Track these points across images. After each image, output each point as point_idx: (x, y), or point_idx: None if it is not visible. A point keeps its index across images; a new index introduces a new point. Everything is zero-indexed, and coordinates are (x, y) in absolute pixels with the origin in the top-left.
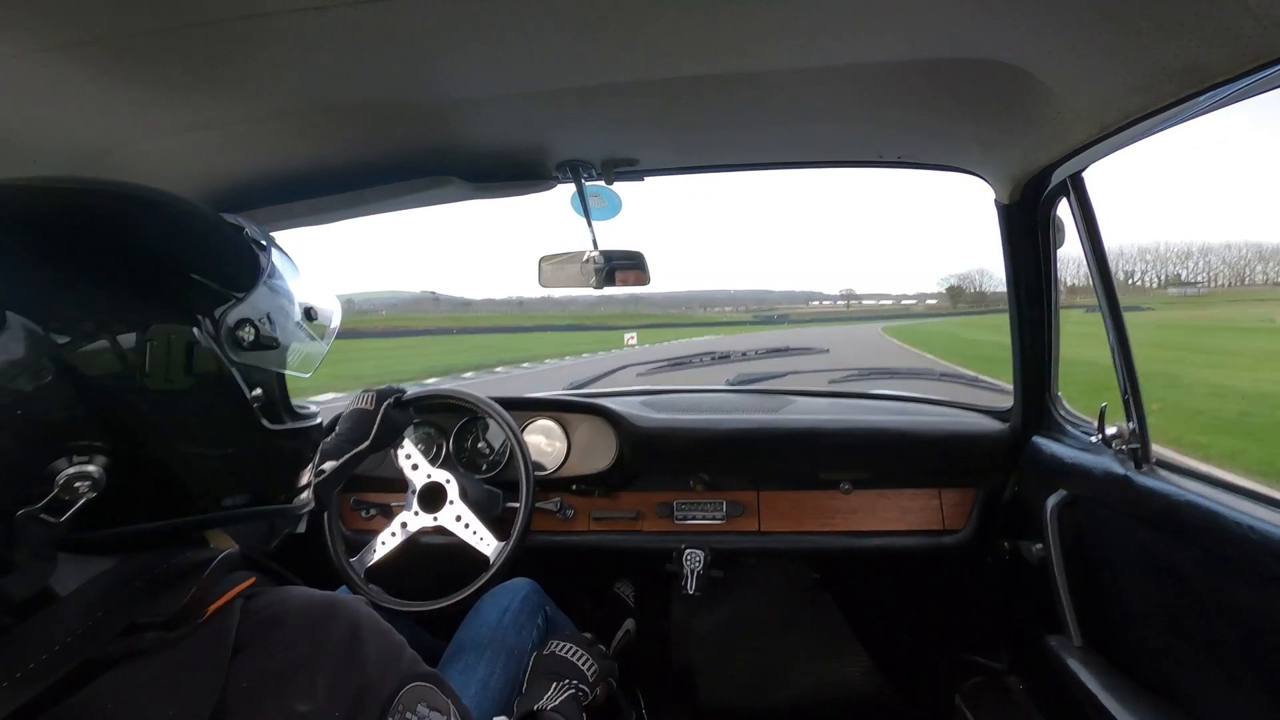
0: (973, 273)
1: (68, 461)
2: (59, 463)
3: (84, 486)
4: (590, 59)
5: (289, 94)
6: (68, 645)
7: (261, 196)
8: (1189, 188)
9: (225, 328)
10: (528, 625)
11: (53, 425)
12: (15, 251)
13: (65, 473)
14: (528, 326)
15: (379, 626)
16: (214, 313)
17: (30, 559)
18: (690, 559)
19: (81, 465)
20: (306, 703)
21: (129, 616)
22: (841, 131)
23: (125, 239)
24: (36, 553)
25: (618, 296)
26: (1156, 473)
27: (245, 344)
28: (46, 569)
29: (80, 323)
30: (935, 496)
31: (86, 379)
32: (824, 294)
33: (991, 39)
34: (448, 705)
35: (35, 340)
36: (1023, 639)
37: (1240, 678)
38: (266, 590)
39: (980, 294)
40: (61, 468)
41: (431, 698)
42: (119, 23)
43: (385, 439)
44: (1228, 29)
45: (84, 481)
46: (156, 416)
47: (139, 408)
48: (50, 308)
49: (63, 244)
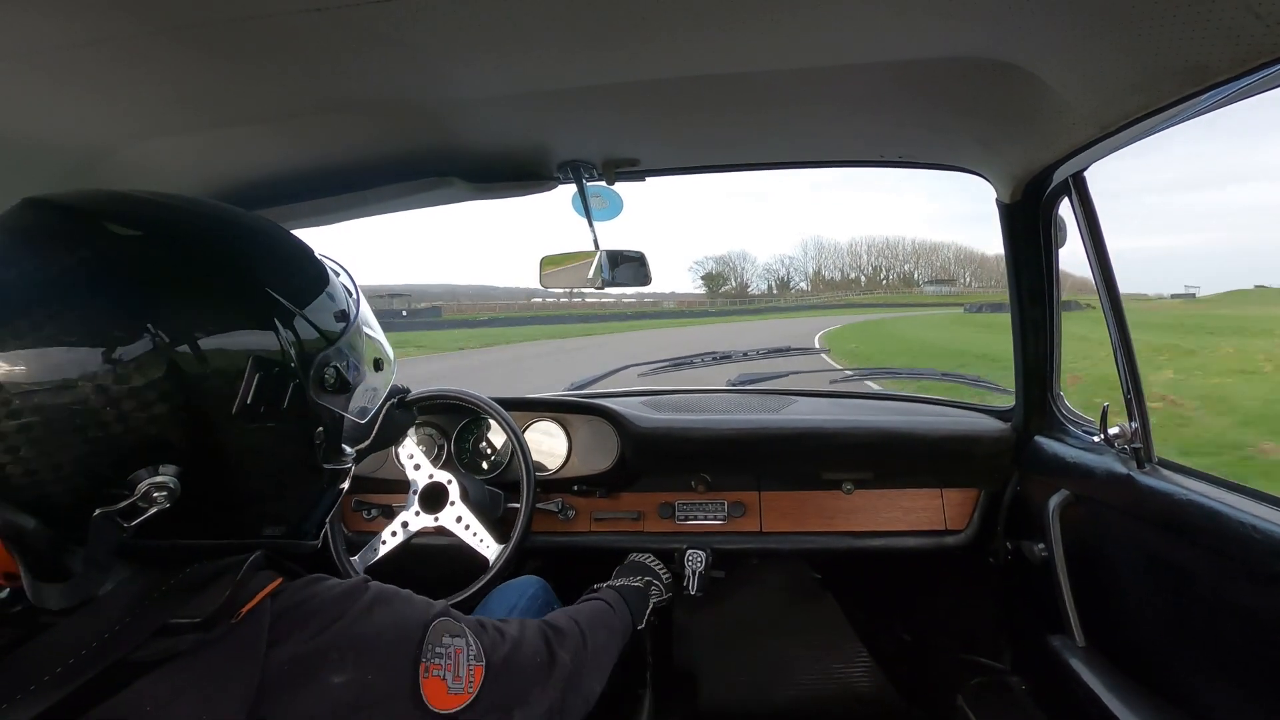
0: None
1: (149, 471)
2: (140, 472)
3: (161, 496)
4: (591, 59)
5: (289, 94)
6: (100, 645)
7: (262, 197)
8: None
9: (315, 367)
10: None
11: (149, 434)
12: (159, 264)
13: (146, 482)
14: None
15: (397, 591)
16: (311, 352)
17: (85, 566)
18: (692, 559)
19: (161, 476)
20: (340, 674)
21: (163, 618)
22: (843, 131)
23: (251, 272)
24: (93, 559)
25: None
26: (1159, 472)
27: (327, 386)
28: (98, 579)
29: (200, 343)
30: (937, 496)
31: (190, 395)
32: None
33: (993, 38)
34: (462, 629)
35: (158, 351)
36: (1025, 639)
37: (1243, 677)
38: (290, 587)
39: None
40: (143, 477)
41: (450, 627)
42: (119, 23)
43: (387, 438)
44: (1230, 28)
45: (161, 492)
46: (238, 441)
47: (226, 430)
48: (174, 322)
49: (199, 266)
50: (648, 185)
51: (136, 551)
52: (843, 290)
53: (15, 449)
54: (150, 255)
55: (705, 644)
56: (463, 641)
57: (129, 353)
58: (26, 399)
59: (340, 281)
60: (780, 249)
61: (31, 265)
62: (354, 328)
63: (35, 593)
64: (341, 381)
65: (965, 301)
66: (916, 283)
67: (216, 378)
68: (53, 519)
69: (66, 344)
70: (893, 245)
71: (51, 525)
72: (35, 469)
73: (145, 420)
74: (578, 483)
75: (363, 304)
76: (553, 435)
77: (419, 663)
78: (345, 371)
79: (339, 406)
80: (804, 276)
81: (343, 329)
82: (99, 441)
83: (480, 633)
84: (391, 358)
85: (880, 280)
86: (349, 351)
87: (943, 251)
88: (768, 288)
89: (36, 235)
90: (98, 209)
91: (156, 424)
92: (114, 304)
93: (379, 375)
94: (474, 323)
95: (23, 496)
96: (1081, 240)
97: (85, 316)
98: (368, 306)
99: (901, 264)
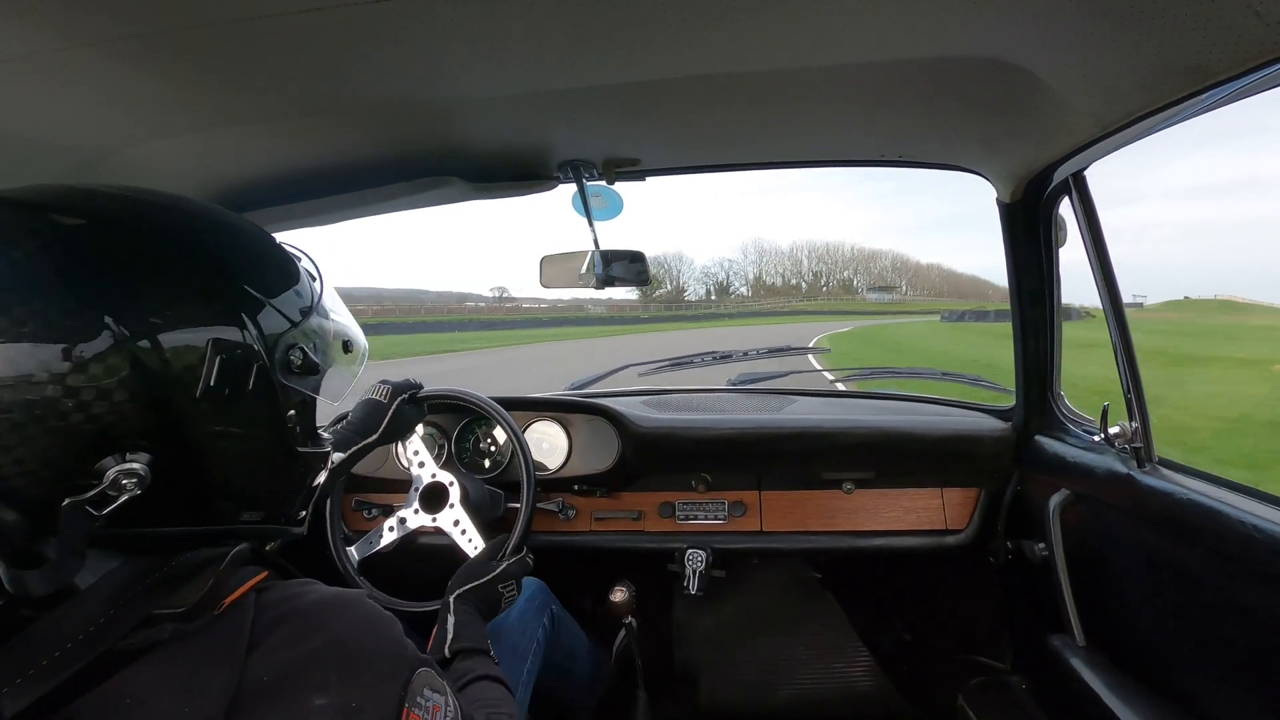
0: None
1: (117, 459)
2: (108, 460)
3: (130, 484)
4: (591, 59)
5: (289, 94)
6: (88, 636)
7: (262, 197)
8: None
9: (280, 350)
10: (533, 625)
11: (112, 423)
12: (110, 252)
13: (114, 469)
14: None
15: (386, 618)
16: (273, 334)
17: (60, 553)
18: (692, 559)
19: (129, 464)
20: (322, 696)
21: (147, 608)
22: (843, 130)
23: (207, 255)
24: (68, 547)
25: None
26: (1159, 471)
27: (294, 368)
28: (75, 565)
29: (157, 328)
30: (938, 496)
31: (151, 382)
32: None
33: (993, 37)
34: (444, 686)
35: (114, 340)
36: (1026, 638)
37: (1244, 676)
38: (278, 585)
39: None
40: (110, 464)
41: (432, 680)
42: (119, 23)
43: (395, 433)
44: (1230, 27)
45: (130, 479)
46: (205, 426)
47: (192, 415)
48: (131, 310)
49: (152, 251)
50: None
51: (114, 540)
52: (784, 296)
53: None
54: (99, 243)
55: (705, 644)
56: (443, 700)
57: (86, 345)
58: None
59: (302, 265)
60: (720, 251)
61: None
62: (317, 309)
63: (13, 580)
64: (309, 363)
65: (910, 310)
66: (856, 289)
67: (177, 363)
68: (23, 510)
69: (21, 338)
70: (833, 250)
71: (22, 515)
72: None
73: (107, 409)
74: (578, 482)
75: (327, 287)
76: (553, 435)
77: (404, 705)
78: (312, 353)
79: (309, 389)
80: (744, 281)
81: (305, 309)
82: (61, 432)
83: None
84: (362, 341)
85: (821, 286)
86: (314, 333)
87: (880, 259)
88: (706, 292)
89: None
90: (43, 201)
91: (119, 412)
92: (66, 294)
93: (348, 357)
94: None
95: None
96: (1082, 239)
97: (37, 310)
98: (333, 290)
99: (841, 270)
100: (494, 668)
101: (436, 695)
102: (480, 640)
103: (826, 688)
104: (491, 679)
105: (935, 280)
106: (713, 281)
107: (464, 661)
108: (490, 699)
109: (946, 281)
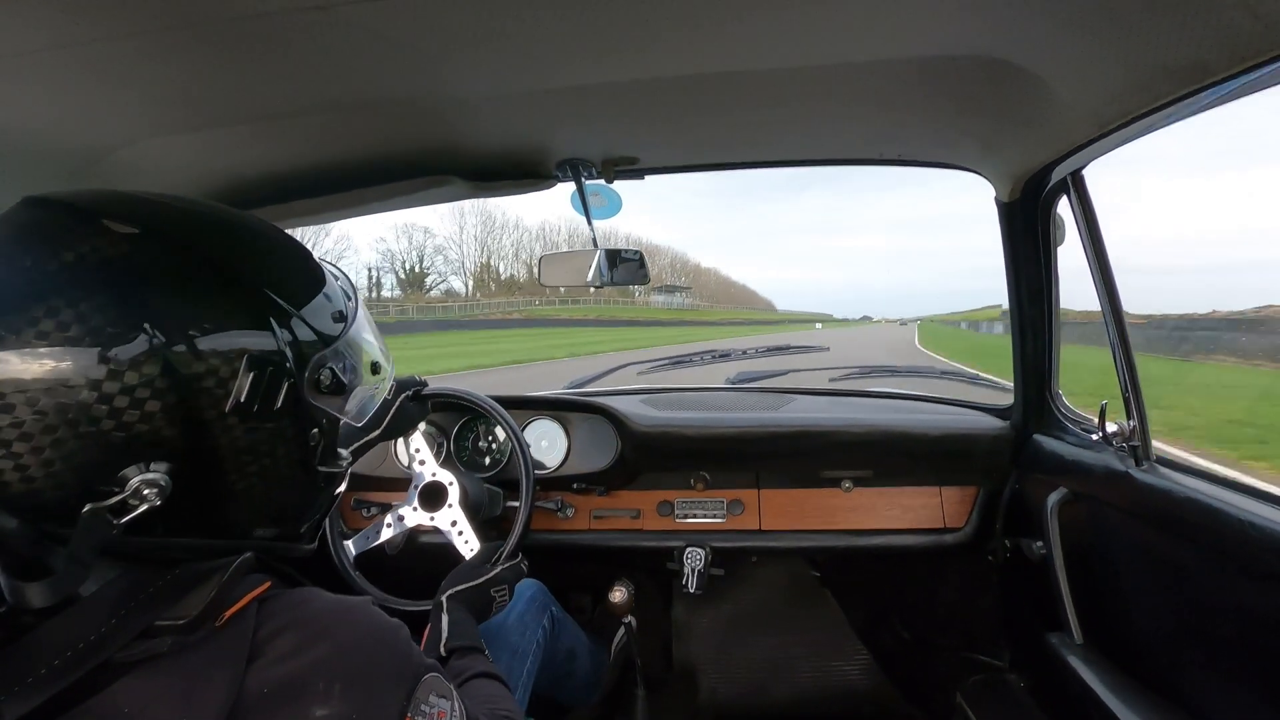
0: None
1: (140, 468)
2: (131, 468)
3: (151, 494)
4: (590, 58)
5: (289, 94)
6: (88, 645)
7: (262, 196)
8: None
9: (311, 368)
10: (533, 625)
11: (141, 431)
12: (158, 262)
13: (137, 478)
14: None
15: (392, 625)
16: (306, 353)
17: (67, 563)
18: (691, 557)
19: (152, 473)
20: (323, 708)
21: (149, 619)
22: (842, 130)
23: (250, 273)
24: (77, 556)
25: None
26: (1157, 470)
27: (323, 387)
28: (80, 576)
29: (195, 341)
30: (936, 494)
31: (183, 392)
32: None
33: (991, 36)
34: (449, 690)
35: (152, 349)
36: (1024, 637)
37: (1241, 674)
38: (282, 594)
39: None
40: (134, 473)
41: (438, 686)
42: (119, 23)
43: (397, 429)
44: (1227, 26)
45: (152, 489)
46: (231, 440)
47: (219, 428)
48: (170, 321)
49: (198, 265)
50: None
51: (126, 549)
52: (529, 295)
53: (8, 444)
54: (148, 253)
55: (704, 642)
56: (449, 705)
57: (124, 350)
58: (20, 396)
59: (339, 285)
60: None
61: (29, 262)
62: (351, 330)
63: (13, 592)
64: (338, 383)
65: (707, 319)
66: (633, 291)
67: (210, 376)
68: (40, 515)
69: (62, 342)
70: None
71: (38, 521)
72: (26, 464)
73: (138, 418)
74: (577, 481)
75: (361, 308)
76: (552, 434)
77: (405, 714)
78: (341, 374)
79: (335, 408)
80: (465, 272)
81: (340, 331)
82: (91, 437)
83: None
84: (389, 363)
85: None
86: (346, 353)
87: (660, 257)
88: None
89: (35, 233)
90: (97, 207)
91: (149, 421)
92: (111, 301)
93: (376, 378)
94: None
95: (9, 493)
96: (1080, 238)
97: (82, 314)
98: (366, 311)
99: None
100: (490, 665)
101: (442, 701)
102: (475, 639)
103: (825, 686)
104: (489, 676)
105: (712, 286)
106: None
107: (460, 660)
108: (491, 696)
109: (722, 289)
